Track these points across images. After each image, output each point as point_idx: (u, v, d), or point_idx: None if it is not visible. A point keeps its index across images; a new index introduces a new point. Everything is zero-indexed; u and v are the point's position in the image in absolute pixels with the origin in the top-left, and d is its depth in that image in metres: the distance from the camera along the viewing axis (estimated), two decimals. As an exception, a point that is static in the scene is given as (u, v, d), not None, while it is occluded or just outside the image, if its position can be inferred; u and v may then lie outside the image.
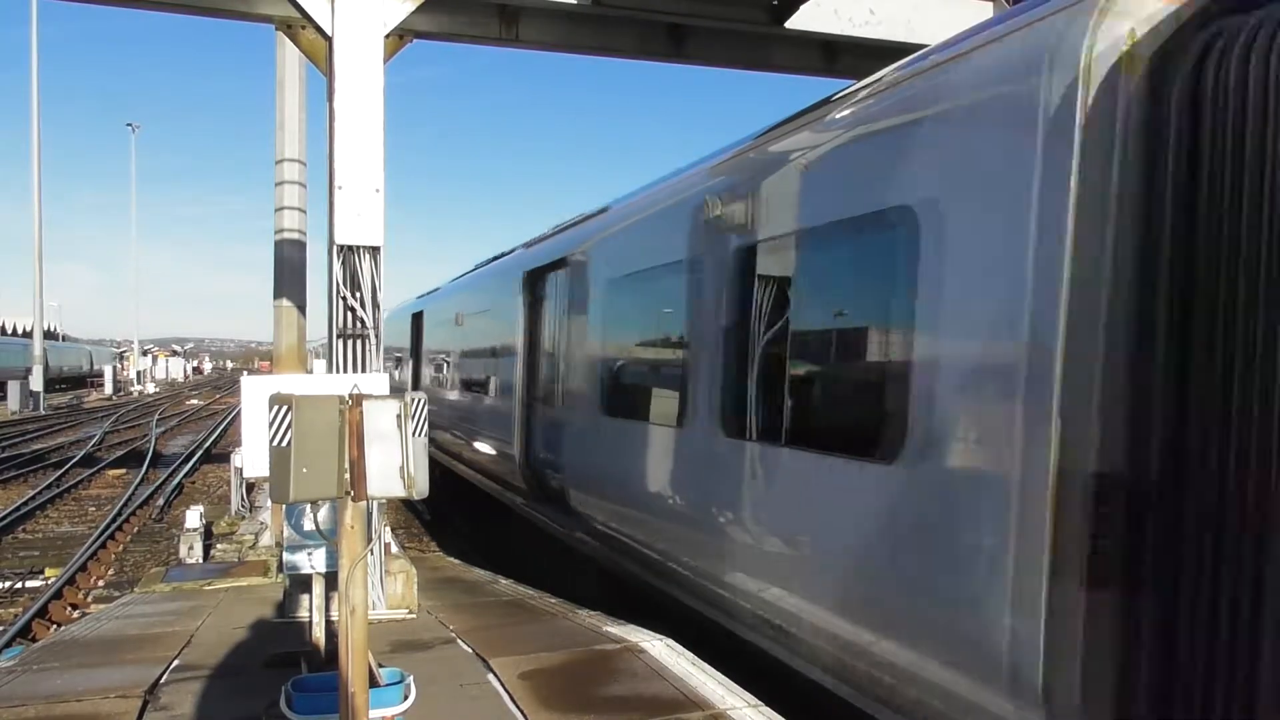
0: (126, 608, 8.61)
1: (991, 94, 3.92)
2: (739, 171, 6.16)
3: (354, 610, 3.62)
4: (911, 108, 4.49)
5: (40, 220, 43.72)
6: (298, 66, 13.10)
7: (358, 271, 7.24)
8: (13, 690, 5.68)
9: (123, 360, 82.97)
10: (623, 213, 8.41)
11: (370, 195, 7.24)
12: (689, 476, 6.48)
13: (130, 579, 11.94)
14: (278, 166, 13.29)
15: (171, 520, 15.75)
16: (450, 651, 6.43)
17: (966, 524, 3.88)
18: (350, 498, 3.56)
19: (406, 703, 4.29)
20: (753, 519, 5.60)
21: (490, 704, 5.29)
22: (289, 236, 13.20)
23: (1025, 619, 3.51)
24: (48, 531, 15.44)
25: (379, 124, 7.28)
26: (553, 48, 10.51)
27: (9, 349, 59.36)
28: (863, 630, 4.50)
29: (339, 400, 3.52)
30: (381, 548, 7.83)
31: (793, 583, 5.14)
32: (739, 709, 5.11)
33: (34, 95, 42.21)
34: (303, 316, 13.29)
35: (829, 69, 11.04)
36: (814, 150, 5.33)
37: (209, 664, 6.12)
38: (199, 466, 23.03)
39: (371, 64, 7.25)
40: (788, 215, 5.38)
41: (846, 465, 4.66)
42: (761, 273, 5.64)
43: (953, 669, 3.91)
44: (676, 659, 6.05)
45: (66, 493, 18.65)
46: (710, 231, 6.10)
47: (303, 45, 8.07)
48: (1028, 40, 3.76)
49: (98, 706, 5.26)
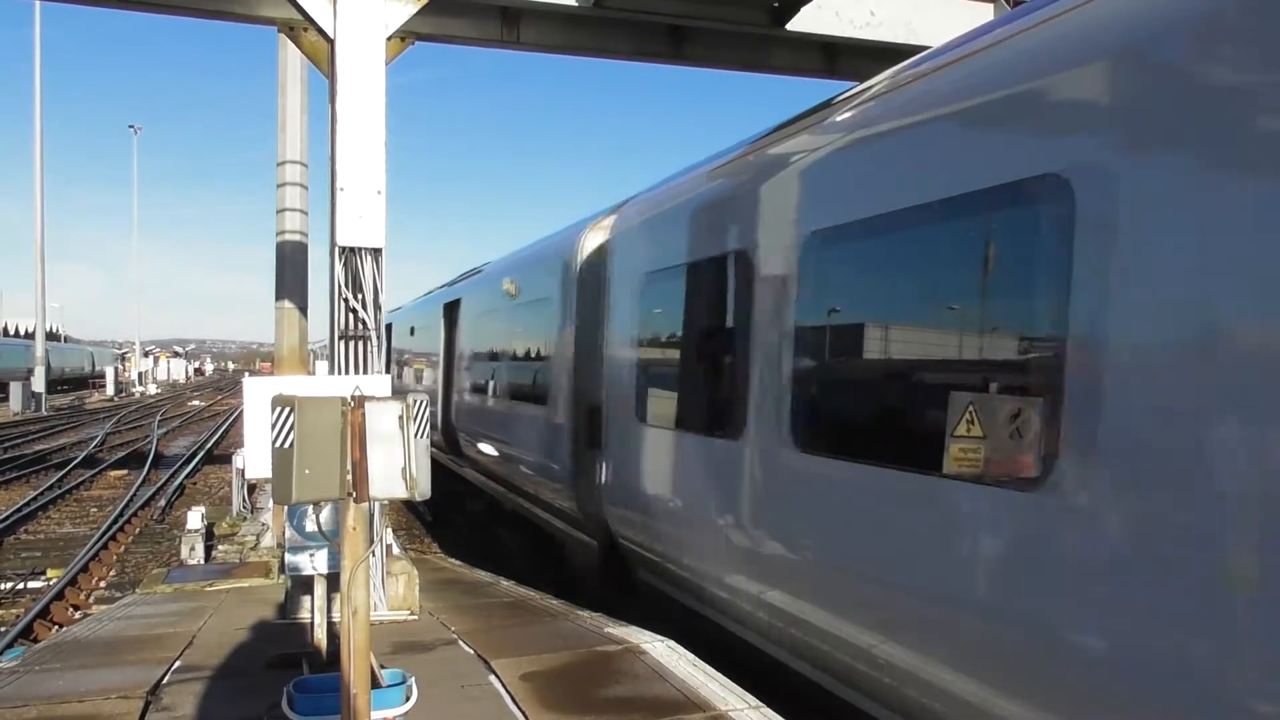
0: (128, 609, 8.62)
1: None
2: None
3: (356, 611, 3.63)
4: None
5: (42, 221, 43.81)
6: (299, 68, 13.12)
7: (359, 273, 7.25)
8: (15, 691, 5.69)
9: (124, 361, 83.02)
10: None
11: (372, 197, 7.25)
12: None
13: (132, 580, 11.95)
14: (279, 168, 13.30)
15: (173, 521, 15.76)
16: (452, 653, 6.43)
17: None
18: (352, 499, 3.57)
19: (408, 704, 4.30)
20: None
21: (492, 705, 5.29)
22: (291, 238, 13.21)
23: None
24: (49, 532, 15.44)
25: (381, 126, 7.29)
26: (554, 50, 10.53)
27: (11, 350, 59.44)
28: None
29: (341, 402, 3.53)
30: (383, 549, 7.84)
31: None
32: (740, 710, 5.11)
33: (36, 97, 42.34)
34: (304, 318, 13.30)
35: (829, 70, 11.05)
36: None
37: (211, 665, 6.13)
38: (200, 468, 23.05)
39: (373, 66, 7.26)
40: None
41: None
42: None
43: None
44: (678, 660, 6.06)
45: (68, 494, 18.68)
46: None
47: (305, 47, 8.09)
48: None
49: (99, 707, 5.27)
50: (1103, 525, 3.24)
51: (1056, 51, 3.72)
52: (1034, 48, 3.87)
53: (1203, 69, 3.10)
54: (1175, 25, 3.21)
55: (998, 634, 3.72)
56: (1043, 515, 3.46)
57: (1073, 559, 3.34)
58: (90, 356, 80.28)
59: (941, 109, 4.35)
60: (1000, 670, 3.70)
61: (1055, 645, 3.41)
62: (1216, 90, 3.04)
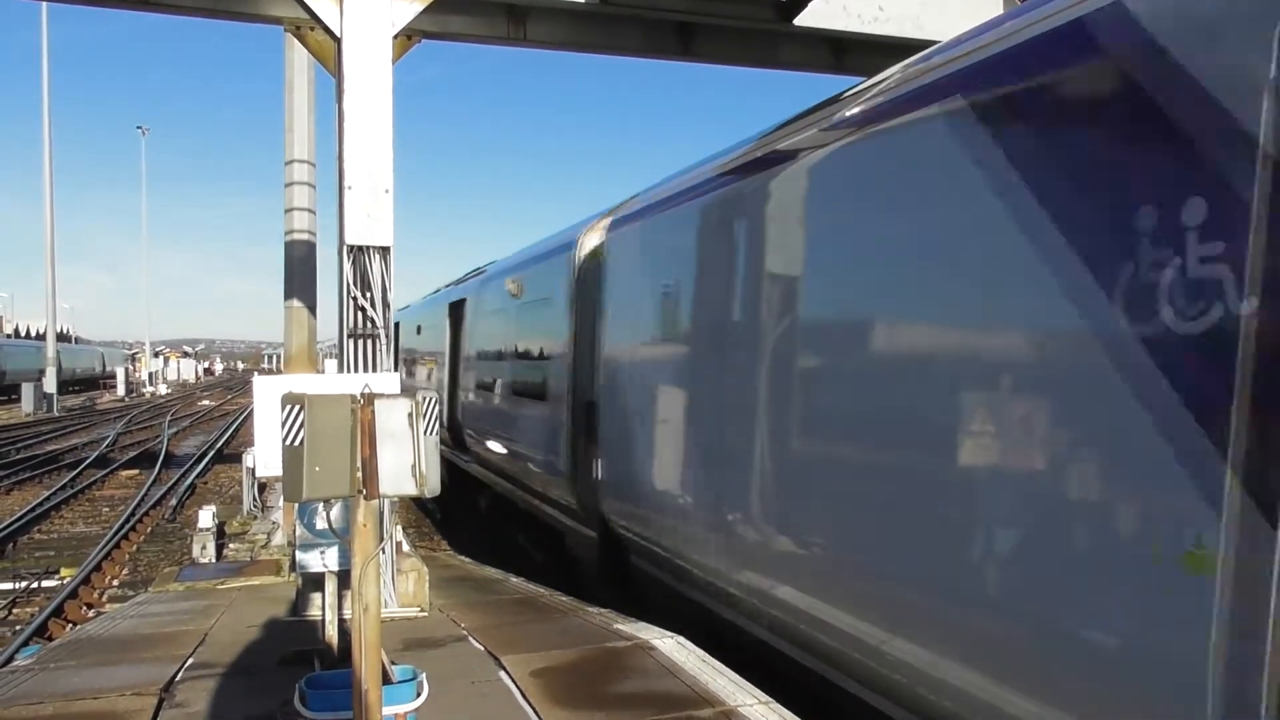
0: (141, 607, 8.67)
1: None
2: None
3: (367, 608, 3.64)
4: None
5: (52, 223, 44.02)
6: (306, 68, 13.12)
7: (368, 271, 7.27)
8: (30, 688, 5.73)
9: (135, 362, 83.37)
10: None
11: (380, 195, 7.26)
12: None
13: (144, 578, 12.02)
14: (287, 167, 13.32)
15: (184, 520, 15.84)
16: (462, 649, 6.45)
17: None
18: (363, 496, 3.58)
19: (419, 699, 4.31)
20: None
21: (502, 701, 5.31)
22: (299, 237, 13.23)
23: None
24: (63, 532, 15.54)
25: (388, 124, 7.30)
26: (561, 47, 10.53)
27: (23, 351, 59.75)
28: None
29: (351, 399, 3.54)
30: (393, 546, 7.87)
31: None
32: (750, 705, 5.11)
33: (45, 99, 42.52)
34: (313, 317, 13.32)
35: (837, 66, 11.01)
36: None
37: (223, 662, 6.16)
38: (211, 467, 23.14)
39: (380, 64, 7.27)
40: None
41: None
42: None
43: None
44: (687, 656, 6.07)
45: (80, 493, 18.78)
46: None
47: (311, 46, 8.11)
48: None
49: (114, 704, 5.30)
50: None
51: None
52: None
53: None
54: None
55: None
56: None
57: None
58: (101, 357, 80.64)
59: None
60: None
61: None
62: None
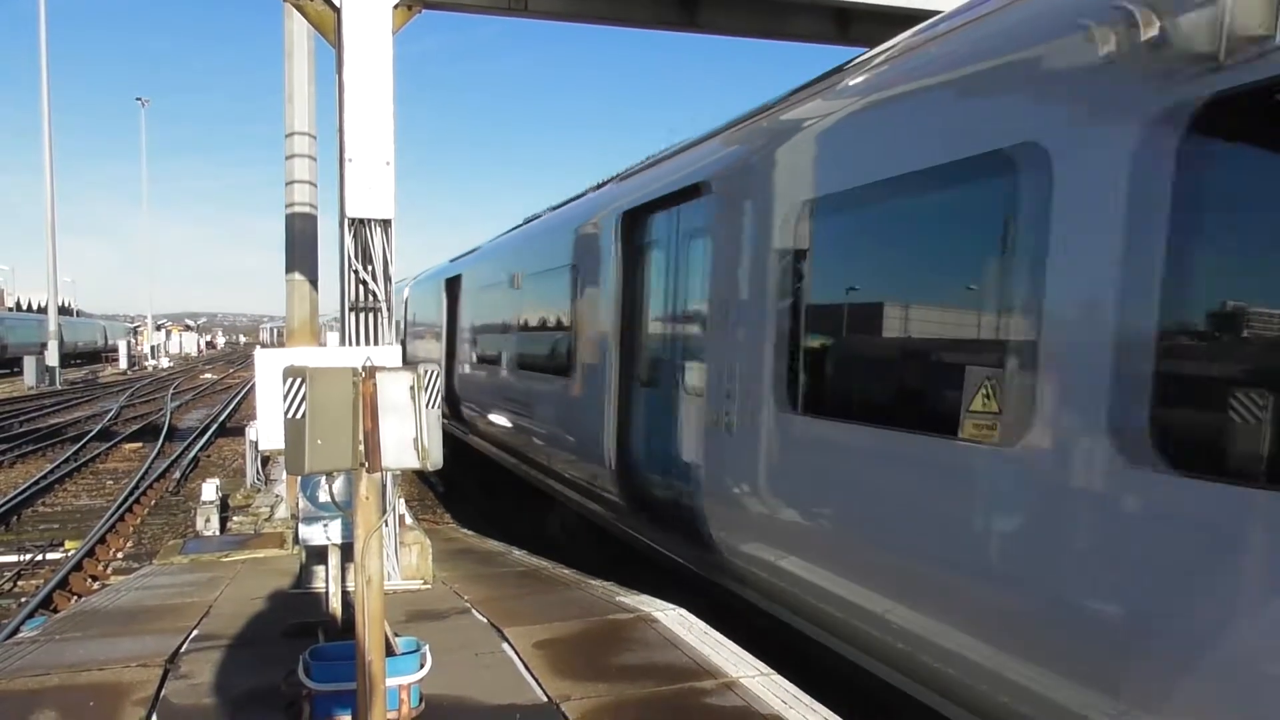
0: (145, 579, 8.72)
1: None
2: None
3: (370, 580, 3.66)
4: None
5: (52, 194, 43.86)
6: (306, 38, 12.99)
7: (369, 244, 7.23)
8: (36, 660, 5.77)
9: (137, 335, 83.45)
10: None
11: (381, 168, 7.21)
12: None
13: (148, 551, 12.09)
14: (287, 140, 13.22)
15: (188, 493, 15.91)
16: (465, 621, 6.49)
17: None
18: (365, 469, 3.58)
19: (423, 671, 4.34)
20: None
21: (505, 672, 5.34)
22: (300, 210, 13.16)
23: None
24: (67, 505, 15.61)
25: (389, 96, 7.23)
26: (563, 18, 10.39)
27: (24, 325, 59.79)
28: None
29: (353, 372, 3.53)
30: (396, 519, 7.89)
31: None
32: (751, 677, 5.15)
33: (43, 66, 42.19)
34: (315, 290, 13.28)
35: (842, 37, 10.89)
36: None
37: (228, 634, 6.20)
38: (214, 440, 23.22)
39: (380, 35, 7.19)
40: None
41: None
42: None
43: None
44: (689, 628, 6.10)
45: (84, 466, 18.86)
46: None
47: (310, 16, 8.00)
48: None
49: (119, 675, 5.34)
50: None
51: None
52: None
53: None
54: None
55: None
56: None
57: None
58: (103, 330, 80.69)
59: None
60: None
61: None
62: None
